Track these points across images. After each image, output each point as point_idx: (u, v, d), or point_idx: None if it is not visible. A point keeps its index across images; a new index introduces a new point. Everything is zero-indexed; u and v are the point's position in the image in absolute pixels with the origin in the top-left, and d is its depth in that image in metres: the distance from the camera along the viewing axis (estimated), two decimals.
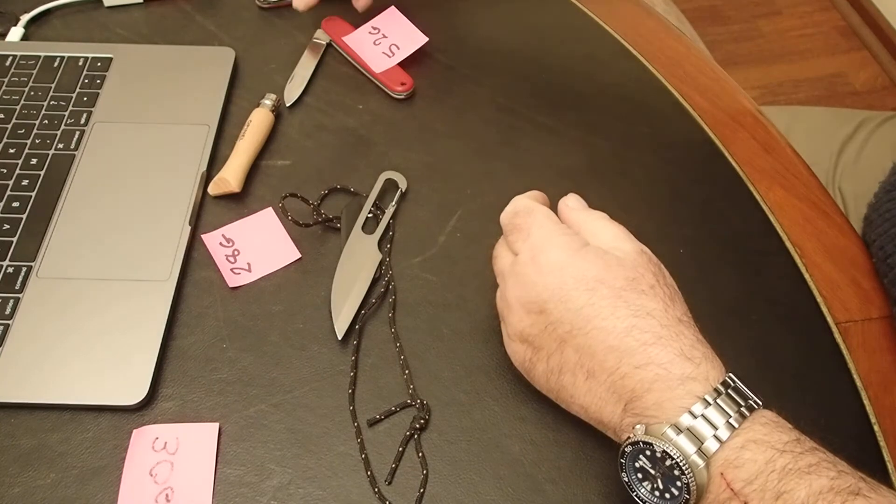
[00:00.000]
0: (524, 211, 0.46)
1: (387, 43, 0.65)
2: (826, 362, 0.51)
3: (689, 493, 0.37)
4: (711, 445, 0.37)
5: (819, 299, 0.54)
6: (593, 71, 0.68)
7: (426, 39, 0.65)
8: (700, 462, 0.36)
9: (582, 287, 0.41)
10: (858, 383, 0.50)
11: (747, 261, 0.56)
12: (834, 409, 0.49)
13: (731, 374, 0.39)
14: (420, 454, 0.46)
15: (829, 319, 0.53)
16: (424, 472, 0.45)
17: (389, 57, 0.65)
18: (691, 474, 0.37)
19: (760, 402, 0.39)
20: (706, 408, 0.37)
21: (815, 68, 1.86)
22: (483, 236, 0.55)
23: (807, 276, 0.55)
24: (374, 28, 0.66)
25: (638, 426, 0.39)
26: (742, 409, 0.38)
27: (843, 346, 0.51)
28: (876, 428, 0.48)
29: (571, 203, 0.48)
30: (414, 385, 0.49)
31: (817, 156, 0.76)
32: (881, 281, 0.55)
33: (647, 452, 0.38)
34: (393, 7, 0.67)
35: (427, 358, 0.50)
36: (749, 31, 1.91)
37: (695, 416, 0.37)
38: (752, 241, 0.57)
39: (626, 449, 0.39)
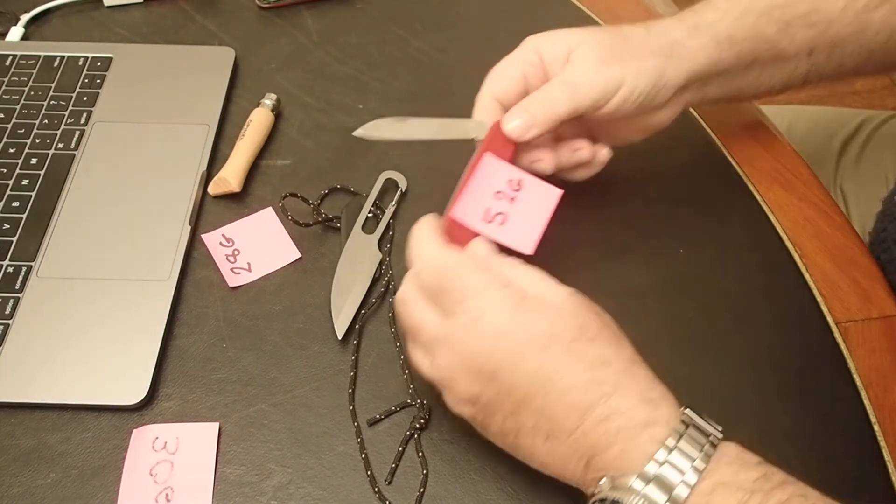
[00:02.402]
0: (443, 274, 0.42)
1: (507, 207, 0.47)
2: (826, 362, 0.51)
3: None
4: (682, 492, 0.36)
5: (819, 299, 0.54)
6: None
7: (531, 252, 0.46)
8: None
9: (534, 347, 0.39)
10: (858, 383, 0.50)
11: (747, 260, 0.56)
12: (834, 409, 0.49)
13: (687, 410, 0.39)
14: (420, 454, 0.46)
15: (829, 319, 0.53)
16: (424, 471, 0.45)
17: (487, 221, 0.46)
18: None
19: (720, 434, 0.38)
20: (670, 453, 0.37)
21: None
22: None
23: (807, 275, 0.55)
24: (517, 184, 0.47)
25: (603, 480, 0.38)
26: (705, 448, 0.37)
27: (843, 346, 0.51)
28: (876, 428, 0.48)
29: (482, 252, 0.44)
30: (414, 385, 0.49)
31: (818, 156, 0.76)
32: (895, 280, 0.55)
33: None
34: (557, 193, 0.47)
35: None
36: None
37: (660, 464, 0.36)
38: (752, 240, 0.57)
39: None
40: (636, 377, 0.39)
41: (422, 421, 0.47)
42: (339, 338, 0.50)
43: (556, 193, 0.47)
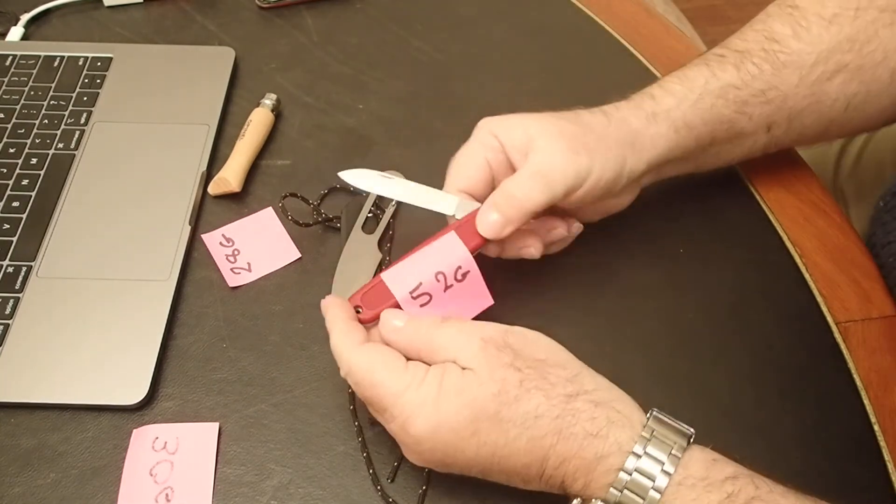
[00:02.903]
0: (364, 384, 0.41)
1: (439, 293, 0.45)
2: (826, 362, 0.51)
3: None
4: None
5: (819, 299, 0.54)
6: (593, 71, 0.68)
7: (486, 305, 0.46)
8: None
9: (464, 435, 0.39)
10: (858, 383, 0.50)
11: (747, 260, 0.56)
12: (834, 409, 0.49)
13: (650, 416, 0.39)
14: None
15: (829, 319, 0.53)
16: (426, 471, 0.45)
17: (412, 297, 0.44)
18: None
19: (685, 442, 0.38)
20: (630, 475, 0.37)
21: None
22: None
23: (807, 275, 0.55)
24: (462, 275, 0.46)
25: (575, 501, 0.40)
26: (665, 465, 0.37)
27: (843, 346, 0.51)
28: (876, 428, 0.48)
29: (398, 322, 0.43)
30: None
31: (818, 156, 0.76)
32: (890, 283, 0.55)
33: None
34: (488, 303, 0.46)
35: None
36: None
37: (620, 491, 0.38)
38: (752, 240, 0.57)
39: None
40: (575, 415, 0.39)
41: None
42: None
43: (486, 303, 0.46)
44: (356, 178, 0.50)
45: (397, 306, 0.45)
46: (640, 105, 0.50)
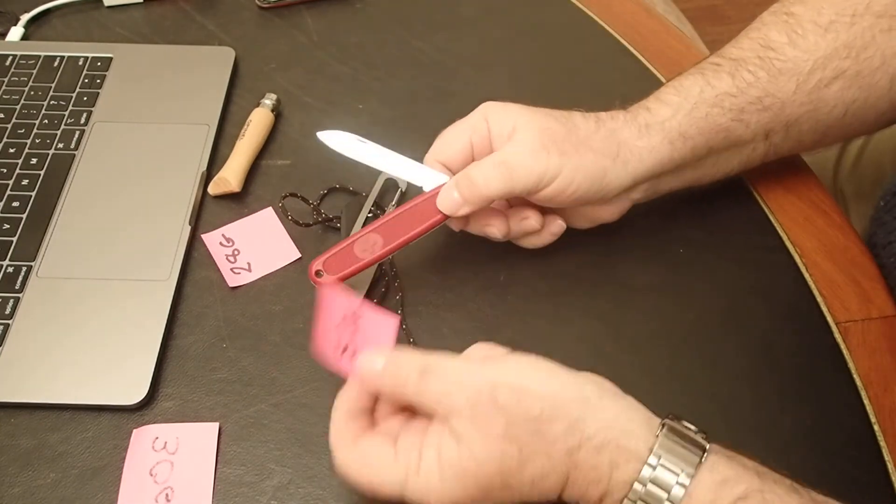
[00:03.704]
0: (362, 483, 0.41)
1: (352, 338, 0.44)
2: (826, 362, 0.51)
3: None
4: None
5: (819, 299, 0.54)
6: (593, 71, 0.68)
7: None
8: None
9: (478, 498, 0.39)
10: (858, 383, 0.50)
11: (747, 260, 0.56)
12: (834, 408, 0.49)
13: (658, 438, 0.38)
14: None
15: (829, 319, 0.53)
16: None
17: (341, 353, 0.44)
18: None
19: (699, 457, 0.38)
20: (645, 486, 0.37)
21: None
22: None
23: (807, 275, 0.55)
24: (353, 319, 0.44)
25: None
26: (670, 496, 0.37)
27: (843, 346, 0.51)
28: (876, 428, 0.48)
29: (376, 367, 0.41)
30: None
31: (817, 156, 0.76)
32: (891, 283, 0.55)
33: None
34: (393, 322, 0.43)
35: None
36: None
37: (633, 502, 0.37)
38: (752, 240, 0.57)
39: None
40: (577, 467, 0.38)
41: None
42: None
43: (392, 323, 0.43)
44: (333, 139, 0.51)
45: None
46: (636, 117, 0.50)
